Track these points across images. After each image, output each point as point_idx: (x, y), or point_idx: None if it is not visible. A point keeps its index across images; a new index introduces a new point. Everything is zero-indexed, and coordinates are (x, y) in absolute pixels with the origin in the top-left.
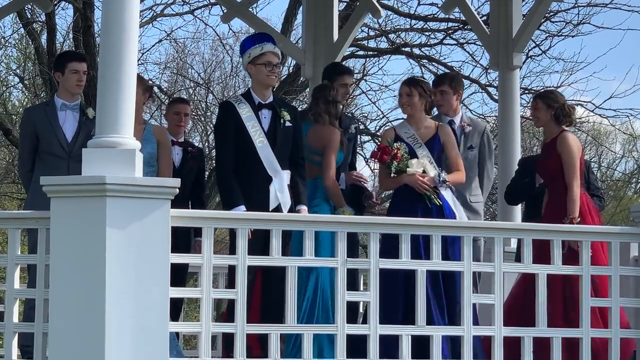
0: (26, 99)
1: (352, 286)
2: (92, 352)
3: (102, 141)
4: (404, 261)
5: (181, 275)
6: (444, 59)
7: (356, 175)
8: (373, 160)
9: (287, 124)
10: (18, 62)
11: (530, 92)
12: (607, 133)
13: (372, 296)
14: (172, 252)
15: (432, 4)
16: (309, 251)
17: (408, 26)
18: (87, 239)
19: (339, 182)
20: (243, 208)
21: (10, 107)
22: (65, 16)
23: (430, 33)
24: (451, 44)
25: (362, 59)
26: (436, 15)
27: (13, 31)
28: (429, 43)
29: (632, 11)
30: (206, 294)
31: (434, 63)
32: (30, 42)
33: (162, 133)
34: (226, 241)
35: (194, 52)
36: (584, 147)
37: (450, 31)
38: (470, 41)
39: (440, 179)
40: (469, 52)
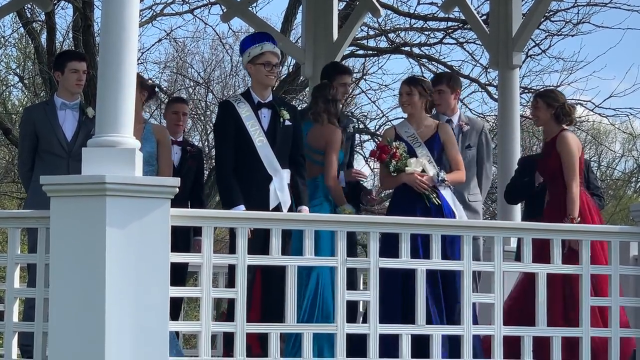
0: (26, 98)
1: (351, 286)
2: (92, 351)
3: (102, 140)
4: (403, 260)
5: (181, 275)
6: (444, 58)
7: (355, 172)
8: (372, 159)
9: (286, 123)
10: (18, 61)
11: (530, 92)
12: (607, 132)
13: (372, 295)
14: (171, 251)
15: (431, 3)
16: (309, 250)
17: (408, 25)
18: (87, 238)
19: (338, 181)
20: (242, 207)
21: (10, 107)
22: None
23: (429, 32)
24: (451, 43)
25: (361, 58)
26: (436, 15)
27: (13, 30)
28: (428, 42)
29: (631, 10)
30: (206, 293)
31: (433, 62)
32: (30, 42)
33: (162, 132)
34: (226, 240)
35: (193, 51)
36: (583, 146)
37: (449, 30)
38: (469, 40)
39: (439, 178)
40: (468, 52)
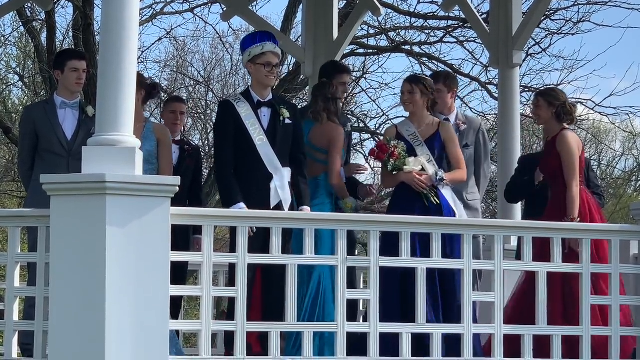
0: (26, 97)
1: (350, 285)
2: (93, 350)
3: (102, 139)
4: (404, 259)
5: (181, 273)
6: (444, 57)
7: (354, 166)
8: (372, 158)
9: (286, 121)
10: (18, 60)
11: (530, 90)
12: (607, 131)
13: (372, 294)
14: (171, 250)
15: (432, 2)
16: (309, 249)
17: (408, 24)
18: (87, 237)
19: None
20: (242, 205)
21: (10, 106)
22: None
23: (430, 31)
24: (451, 42)
25: (362, 57)
26: (436, 13)
27: (13, 29)
28: (428, 41)
29: (632, 9)
30: (206, 292)
31: (434, 61)
32: (30, 41)
33: (163, 131)
34: (226, 239)
35: (193, 50)
36: (584, 145)
37: (450, 29)
38: (470, 39)
39: (437, 177)
40: (469, 50)
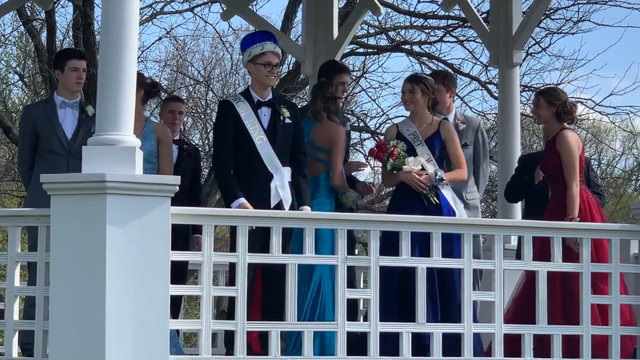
0: (26, 97)
1: (350, 285)
2: (93, 349)
3: (102, 139)
4: (404, 259)
5: (181, 273)
6: (444, 56)
7: (355, 165)
8: (372, 158)
9: (286, 121)
10: (18, 59)
11: (530, 90)
12: (607, 130)
13: (372, 294)
14: (171, 249)
15: (432, 2)
16: (309, 249)
17: (408, 24)
18: (88, 236)
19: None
20: (243, 200)
21: (10, 105)
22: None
23: (430, 30)
24: (451, 42)
25: (362, 57)
26: (436, 13)
27: (13, 29)
28: (428, 40)
29: (632, 8)
30: (206, 291)
31: (434, 60)
32: (30, 40)
33: (163, 130)
34: (226, 239)
35: (193, 49)
36: (584, 144)
37: (450, 28)
38: (470, 38)
39: (437, 177)
40: (469, 50)
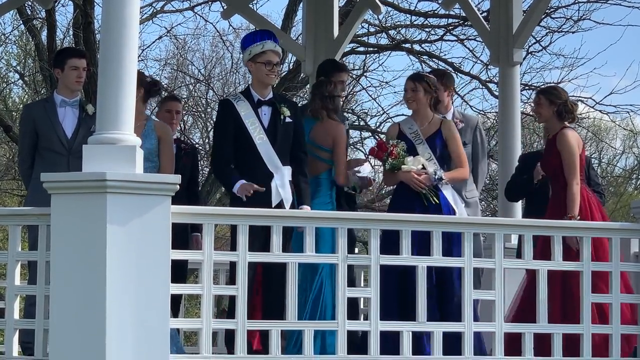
0: (26, 96)
1: (351, 284)
2: (93, 348)
3: (102, 138)
4: (404, 257)
5: (181, 272)
6: (444, 55)
7: (355, 162)
8: (372, 157)
9: (287, 119)
10: (18, 58)
11: (530, 88)
12: (608, 129)
13: (372, 292)
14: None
15: (432, 0)
16: (310, 248)
17: (408, 22)
18: (88, 235)
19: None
20: (242, 180)
21: (10, 104)
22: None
23: (430, 29)
24: (451, 40)
25: (362, 56)
26: (436, 12)
27: (13, 28)
28: (429, 39)
29: (632, 7)
30: (207, 290)
31: (434, 59)
32: (31, 39)
33: (164, 129)
34: (226, 238)
35: (194, 48)
36: (584, 143)
37: (450, 27)
38: (470, 37)
39: (436, 176)
40: (469, 48)
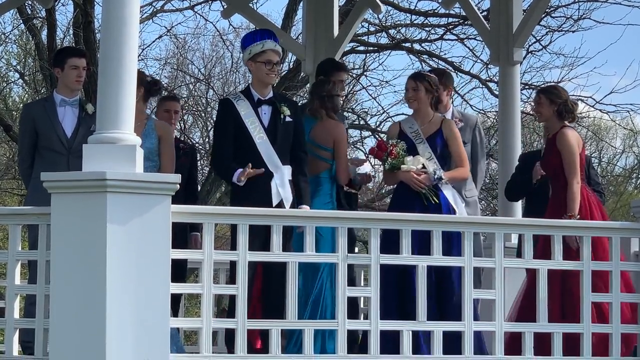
0: (26, 95)
1: (351, 284)
2: (93, 348)
3: (102, 137)
4: (405, 257)
5: (180, 271)
6: (445, 54)
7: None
8: (372, 157)
9: (287, 119)
10: (18, 58)
11: (530, 88)
12: (608, 128)
13: (372, 292)
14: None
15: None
16: (310, 247)
17: (408, 22)
18: (88, 234)
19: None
20: (240, 168)
21: (10, 103)
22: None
23: (430, 28)
24: (452, 40)
25: (362, 55)
26: (436, 11)
27: (13, 27)
28: (429, 38)
29: (632, 6)
30: (207, 289)
31: (434, 58)
32: (31, 38)
33: (165, 128)
34: (226, 237)
35: (194, 47)
36: (584, 142)
37: (450, 26)
38: (470, 36)
39: (436, 176)
40: (469, 48)
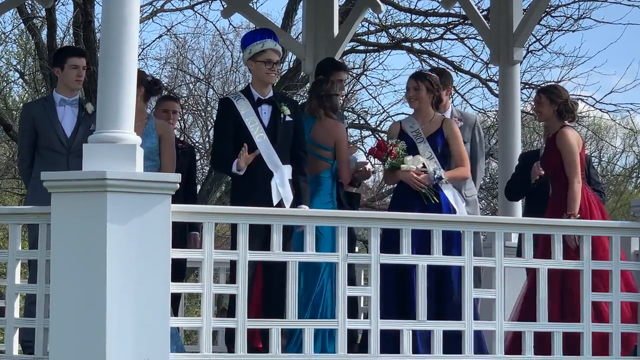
0: (26, 95)
1: (351, 283)
2: (93, 347)
3: (102, 136)
4: (405, 256)
5: (180, 271)
6: (445, 53)
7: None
8: (372, 156)
9: (287, 118)
10: (18, 57)
11: (530, 87)
12: (608, 128)
13: (373, 291)
14: None
15: None
16: (310, 247)
17: (408, 21)
18: (88, 234)
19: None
20: (237, 159)
21: (10, 103)
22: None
23: (430, 28)
24: (452, 39)
25: (362, 54)
26: (436, 10)
27: (13, 27)
28: (429, 38)
29: (632, 6)
30: (207, 289)
31: (434, 58)
32: (31, 38)
33: (165, 128)
34: (226, 236)
35: (194, 47)
36: (584, 142)
37: (450, 26)
38: (470, 36)
39: (435, 175)
40: (469, 47)
